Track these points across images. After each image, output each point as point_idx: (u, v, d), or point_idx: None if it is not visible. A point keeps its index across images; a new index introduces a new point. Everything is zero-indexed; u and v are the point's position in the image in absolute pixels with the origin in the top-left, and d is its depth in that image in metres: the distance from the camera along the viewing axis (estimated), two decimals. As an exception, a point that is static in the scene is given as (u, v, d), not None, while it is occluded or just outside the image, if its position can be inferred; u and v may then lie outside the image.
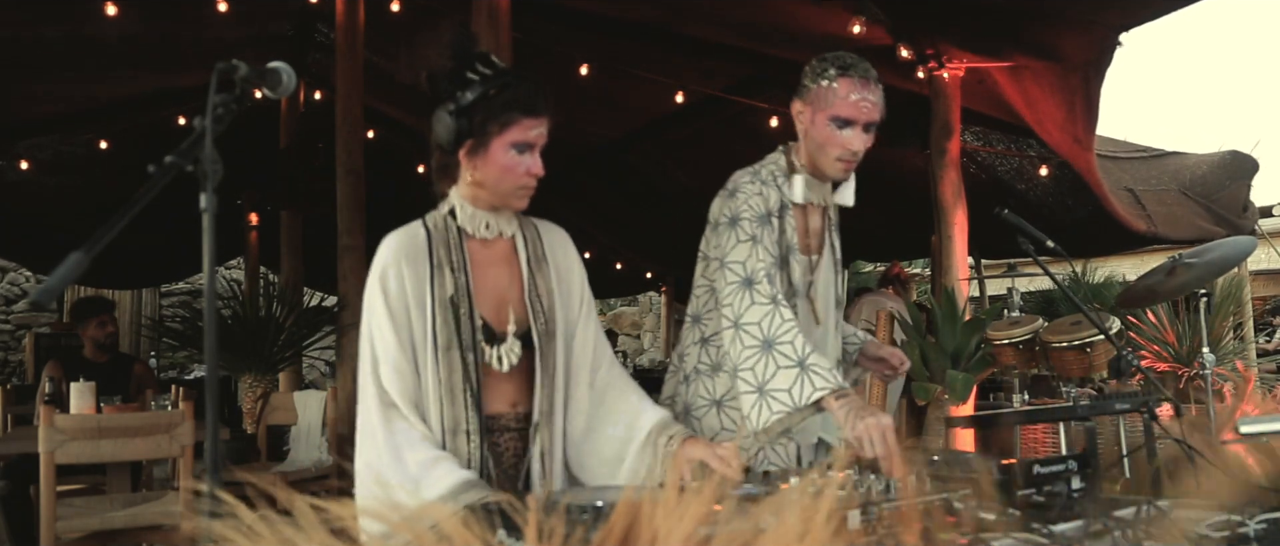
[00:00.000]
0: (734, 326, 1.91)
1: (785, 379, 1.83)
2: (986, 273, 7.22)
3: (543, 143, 1.76)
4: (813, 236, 2.16)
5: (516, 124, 1.70)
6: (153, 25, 5.49)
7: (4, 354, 10.64)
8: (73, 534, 3.29)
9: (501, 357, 1.76)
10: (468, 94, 1.70)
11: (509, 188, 1.75)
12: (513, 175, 1.73)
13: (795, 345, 1.85)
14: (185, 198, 1.34)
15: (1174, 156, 5.97)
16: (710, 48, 5.48)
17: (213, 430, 1.19)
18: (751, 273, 1.94)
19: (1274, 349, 9.18)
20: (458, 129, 1.71)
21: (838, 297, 2.22)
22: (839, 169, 2.08)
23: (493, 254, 1.83)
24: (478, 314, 1.76)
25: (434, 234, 1.78)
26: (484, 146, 1.71)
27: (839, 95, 2.02)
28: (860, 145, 2.05)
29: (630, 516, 0.95)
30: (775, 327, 1.87)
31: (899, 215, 7.15)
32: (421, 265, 1.75)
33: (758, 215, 2.02)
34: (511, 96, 1.70)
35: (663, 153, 7.14)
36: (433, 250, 1.76)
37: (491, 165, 1.72)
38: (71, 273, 1.11)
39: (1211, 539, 1.24)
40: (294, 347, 5.32)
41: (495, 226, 1.82)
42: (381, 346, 1.71)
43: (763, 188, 2.07)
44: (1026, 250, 2.37)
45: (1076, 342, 3.77)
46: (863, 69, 2.05)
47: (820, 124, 2.04)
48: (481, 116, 1.70)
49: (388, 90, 6.95)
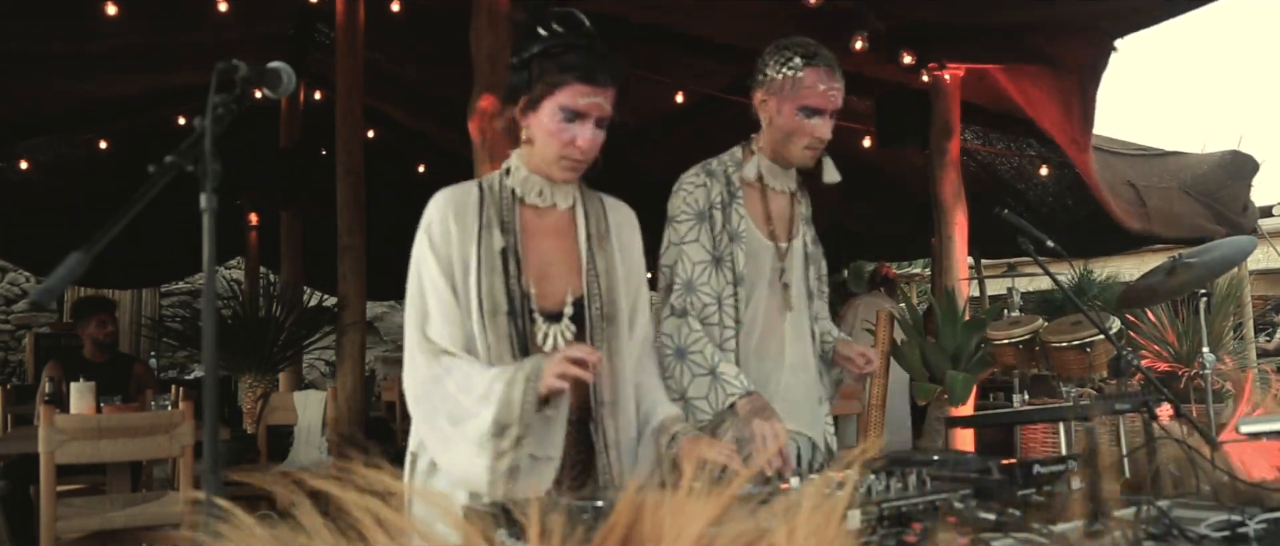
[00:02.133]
0: (660, 334, 2.02)
1: (701, 387, 1.95)
2: (986, 273, 7.22)
3: (601, 116, 1.67)
4: (778, 221, 2.14)
5: (567, 87, 1.63)
6: (153, 25, 5.49)
7: (4, 354, 10.64)
8: (73, 534, 3.29)
9: (551, 335, 1.67)
10: (532, 48, 1.65)
11: (550, 154, 1.67)
12: (556, 141, 1.65)
13: (704, 354, 1.96)
14: (185, 198, 1.34)
15: (1174, 156, 5.98)
16: (710, 48, 5.48)
17: (212, 430, 1.19)
18: (670, 280, 2.04)
19: (1274, 349, 9.18)
20: (514, 83, 1.67)
21: (811, 287, 2.18)
22: (807, 157, 2.09)
23: (545, 224, 1.74)
24: (525, 279, 1.67)
25: (487, 193, 1.71)
26: (536, 105, 1.65)
27: (806, 84, 2.02)
28: (826, 132, 2.06)
29: (632, 516, 0.95)
30: (686, 338, 1.98)
31: (899, 215, 7.15)
32: (470, 221, 1.67)
33: (695, 211, 2.06)
34: (571, 59, 1.63)
35: (663, 153, 7.14)
36: (483, 208, 1.69)
37: (538, 126, 1.66)
38: (71, 273, 1.11)
39: (1211, 539, 1.24)
40: (294, 347, 5.32)
41: (549, 195, 1.73)
42: (433, 298, 1.63)
43: (707, 179, 2.09)
44: (1026, 250, 2.37)
45: (1076, 342, 3.77)
46: (826, 57, 2.05)
47: (788, 113, 2.05)
48: (536, 73, 1.64)
49: (388, 90, 6.96)
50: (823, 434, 2.19)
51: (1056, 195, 6.03)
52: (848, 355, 2.15)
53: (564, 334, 1.68)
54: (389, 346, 11.64)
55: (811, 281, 2.18)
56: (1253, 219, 6.05)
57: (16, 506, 4.12)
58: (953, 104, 4.72)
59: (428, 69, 6.58)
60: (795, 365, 2.12)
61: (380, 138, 7.50)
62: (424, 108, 7.40)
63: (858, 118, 5.52)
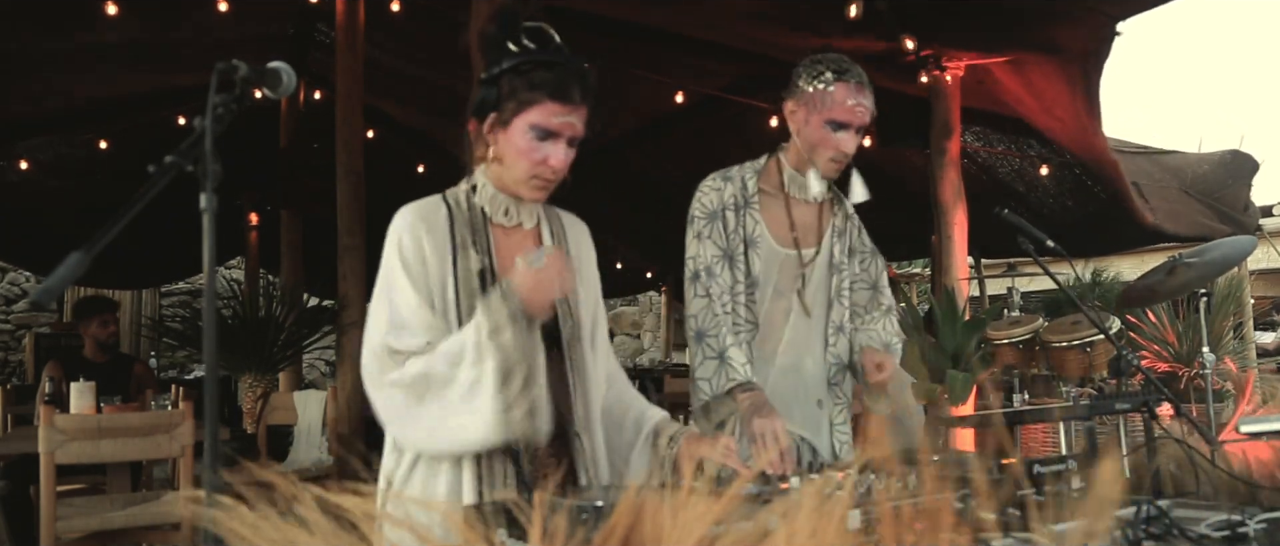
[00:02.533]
0: (686, 317, 2.14)
1: (708, 368, 2.05)
2: (986, 273, 7.22)
3: (573, 136, 1.62)
4: (802, 230, 2.19)
5: (539, 105, 1.58)
6: (153, 25, 5.49)
7: (4, 354, 10.64)
8: (73, 534, 3.29)
9: None
10: (502, 63, 1.60)
11: (520, 174, 1.62)
12: (526, 161, 1.60)
13: (719, 337, 2.05)
14: (185, 198, 1.33)
15: (1175, 155, 5.98)
16: (710, 48, 5.47)
17: (212, 430, 1.19)
18: (695, 269, 2.12)
19: (1274, 348, 9.19)
20: (483, 98, 1.62)
21: (830, 297, 2.22)
22: (831, 169, 2.15)
23: (513, 243, 1.70)
24: None
25: (455, 212, 1.66)
26: (505, 123, 1.61)
27: (835, 100, 2.08)
28: (852, 147, 2.13)
29: (632, 516, 0.95)
30: (706, 320, 2.07)
31: (899, 215, 7.15)
32: (442, 240, 1.62)
33: (707, 212, 2.14)
34: (543, 76, 1.58)
35: (663, 153, 7.15)
36: (454, 227, 1.64)
37: (508, 145, 1.61)
38: (71, 273, 1.11)
39: (1211, 539, 1.24)
40: (294, 347, 5.32)
41: (516, 214, 1.70)
42: (407, 311, 1.57)
43: (724, 183, 2.17)
44: (1026, 250, 2.37)
45: (1076, 342, 3.77)
46: (857, 73, 2.12)
47: (815, 125, 2.11)
48: (507, 89, 1.60)
49: (388, 90, 6.95)
50: (826, 436, 2.20)
51: (1056, 195, 6.03)
52: (863, 362, 2.18)
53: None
54: (389, 346, 11.62)
55: (834, 290, 2.22)
56: (1253, 219, 6.05)
57: (16, 506, 4.12)
58: (952, 104, 4.71)
59: (428, 68, 6.58)
60: (786, 367, 2.16)
61: (380, 138, 7.50)
62: (424, 107, 7.41)
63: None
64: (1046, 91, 4.35)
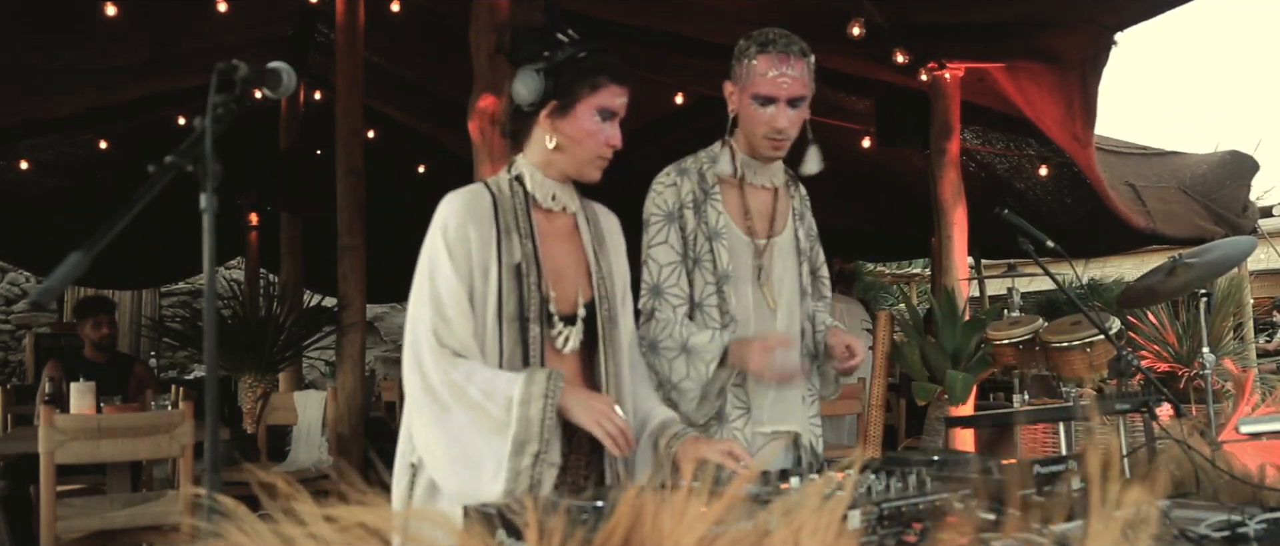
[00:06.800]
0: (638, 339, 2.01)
1: (680, 367, 1.95)
2: (986, 273, 7.22)
3: (622, 115, 1.75)
4: (758, 217, 2.08)
5: (605, 88, 1.70)
6: (152, 25, 5.48)
7: (4, 354, 10.64)
8: (73, 534, 3.29)
9: (567, 337, 1.71)
10: (558, 53, 1.69)
11: (588, 154, 1.72)
12: (594, 141, 1.71)
13: (673, 338, 1.96)
14: (185, 198, 1.34)
15: (1174, 156, 5.98)
16: (710, 48, 5.47)
17: (212, 430, 1.19)
18: (647, 286, 2.03)
19: (1274, 349, 9.19)
20: (544, 88, 1.69)
21: (803, 285, 2.12)
22: (768, 147, 2.03)
23: (556, 228, 1.78)
24: (546, 284, 1.70)
25: (499, 199, 1.72)
26: (570, 108, 1.69)
27: (758, 72, 1.98)
28: (785, 122, 1.99)
29: (632, 517, 0.95)
30: (656, 332, 1.98)
31: (899, 215, 7.15)
32: (487, 228, 1.68)
33: (663, 214, 2.04)
34: (602, 61, 1.70)
35: (663, 153, 7.13)
36: (499, 215, 1.70)
37: (576, 128, 1.70)
38: (71, 273, 1.11)
39: (1211, 539, 1.23)
40: (294, 347, 5.33)
41: (561, 199, 1.78)
42: (449, 302, 1.62)
43: (679, 178, 2.06)
44: (1026, 250, 2.37)
45: (1077, 342, 3.76)
46: (783, 44, 1.99)
47: (745, 103, 2.01)
48: (571, 77, 1.69)
49: (388, 90, 6.96)
50: (807, 431, 2.12)
51: (1056, 195, 6.03)
52: (831, 344, 2.09)
53: (576, 335, 1.72)
54: (389, 346, 11.64)
55: (805, 278, 2.13)
56: (1253, 219, 6.05)
57: (16, 506, 4.12)
58: (952, 104, 4.71)
59: (428, 69, 6.58)
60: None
61: (380, 138, 7.50)
62: (424, 108, 7.40)
63: (858, 118, 5.52)
64: (1038, 101, 4.35)
